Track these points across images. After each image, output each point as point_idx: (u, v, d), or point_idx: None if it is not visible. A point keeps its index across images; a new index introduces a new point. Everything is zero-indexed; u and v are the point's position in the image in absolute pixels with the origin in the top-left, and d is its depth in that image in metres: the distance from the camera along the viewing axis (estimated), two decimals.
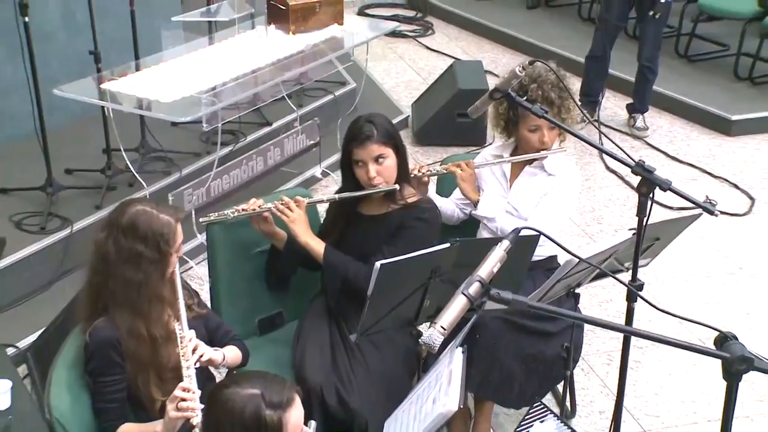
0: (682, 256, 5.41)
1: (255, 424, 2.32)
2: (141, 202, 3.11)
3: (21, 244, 5.01)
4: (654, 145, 6.90)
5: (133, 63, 5.49)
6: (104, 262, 3.00)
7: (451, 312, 2.20)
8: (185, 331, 2.97)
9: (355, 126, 3.63)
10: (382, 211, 3.70)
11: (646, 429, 4.25)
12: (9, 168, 5.59)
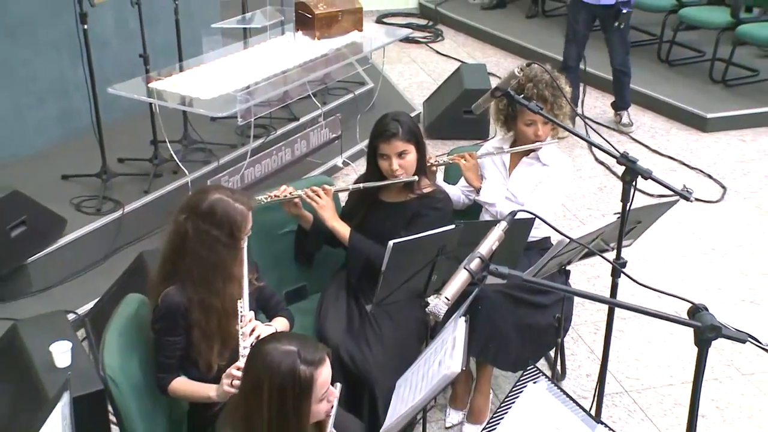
0: (662, 238, 5.41)
1: (290, 377, 2.34)
2: (219, 189, 3.06)
3: (79, 224, 5.05)
4: (637, 139, 6.88)
5: (177, 65, 5.50)
6: (182, 241, 2.98)
7: (454, 284, 2.21)
8: (246, 310, 2.97)
9: (382, 123, 3.64)
10: (401, 199, 3.70)
11: (627, 390, 4.24)
12: (70, 157, 5.62)
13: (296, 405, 2.36)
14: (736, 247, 5.45)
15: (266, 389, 2.34)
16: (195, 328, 2.99)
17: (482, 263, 2.20)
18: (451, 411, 4.05)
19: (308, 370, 2.35)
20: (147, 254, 4.26)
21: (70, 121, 5.77)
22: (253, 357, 2.46)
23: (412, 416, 2.97)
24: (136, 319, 3.12)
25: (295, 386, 2.34)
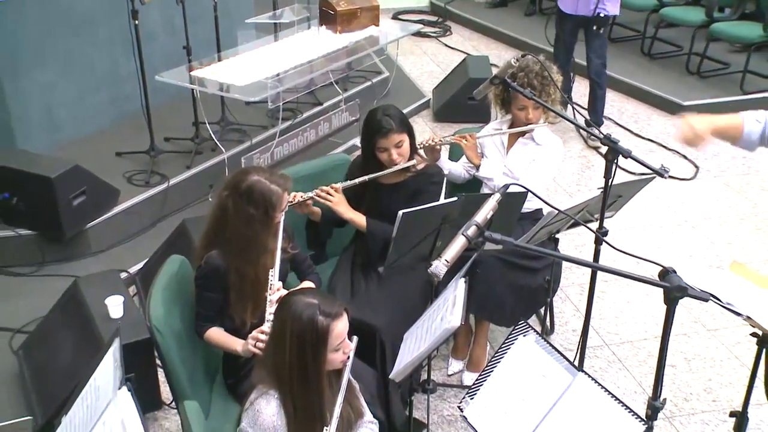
0: (641, 210, 5.39)
1: (309, 325, 2.36)
2: (258, 171, 3.04)
3: (131, 195, 5.09)
4: (621, 124, 6.82)
5: (215, 55, 5.48)
6: (223, 215, 2.99)
7: (453, 248, 2.22)
8: (275, 280, 2.96)
9: (375, 120, 3.54)
10: (400, 179, 3.65)
11: (607, 343, 4.25)
12: (123, 137, 5.64)
13: (314, 351, 2.37)
14: (706, 219, 5.43)
15: (289, 335, 2.37)
16: (231, 290, 3.01)
17: (478, 230, 2.21)
18: (452, 360, 4.08)
19: (325, 321, 2.37)
20: (188, 222, 4.30)
21: (122, 105, 5.78)
22: (281, 306, 2.48)
23: (417, 364, 2.99)
24: (178, 276, 3.14)
25: (312, 334, 2.36)
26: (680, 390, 3.94)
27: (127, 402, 2.16)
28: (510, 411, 2.57)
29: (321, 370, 2.41)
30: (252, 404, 2.43)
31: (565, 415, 2.45)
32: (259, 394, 2.44)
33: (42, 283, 4.56)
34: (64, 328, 3.79)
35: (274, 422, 2.39)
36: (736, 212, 5.51)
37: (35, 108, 5.49)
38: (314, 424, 2.39)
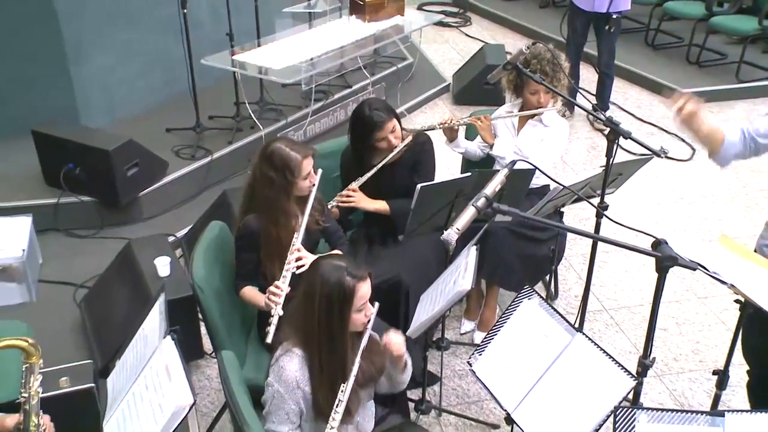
0: (641, 188, 5.34)
1: (337, 285, 2.35)
2: (282, 140, 3.05)
3: (178, 167, 5.13)
4: (625, 109, 6.73)
5: (255, 41, 5.49)
6: (253, 180, 3.02)
7: (463, 218, 2.22)
8: (297, 243, 2.96)
9: (365, 117, 3.47)
10: (397, 157, 3.59)
11: (606, 308, 4.25)
12: (172, 115, 5.65)
13: (341, 309, 2.37)
14: (700, 197, 5.37)
15: (318, 294, 2.36)
16: (261, 249, 3.02)
17: (487, 201, 2.20)
18: (465, 321, 4.09)
19: (352, 282, 2.36)
20: (229, 192, 4.32)
21: (172, 86, 5.80)
22: (311, 269, 2.47)
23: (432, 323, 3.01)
24: (218, 240, 3.16)
25: (340, 293, 2.35)
26: (670, 351, 3.93)
27: (170, 349, 2.20)
28: (514, 366, 2.58)
29: (345, 328, 2.40)
30: (277, 361, 2.43)
31: (564, 371, 2.46)
32: (283, 351, 2.44)
33: (100, 244, 4.61)
34: (119, 284, 3.85)
35: (297, 377, 2.39)
36: (728, 191, 5.45)
37: (96, 89, 5.54)
38: (336, 378, 2.39)
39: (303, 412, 2.43)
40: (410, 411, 3.31)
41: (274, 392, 2.40)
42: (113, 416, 2.28)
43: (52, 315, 4.00)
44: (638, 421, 2.10)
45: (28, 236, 4.19)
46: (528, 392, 2.50)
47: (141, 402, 2.18)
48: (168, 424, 2.03)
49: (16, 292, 4.11)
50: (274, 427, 2.41)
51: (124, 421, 2.22)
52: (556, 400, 2.43)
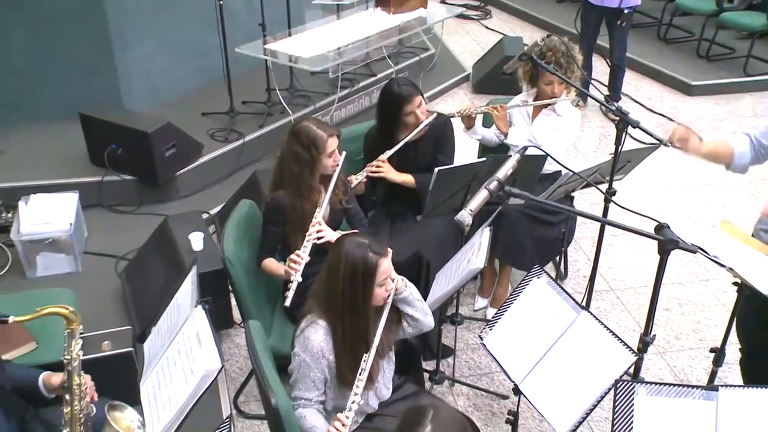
0: (649, 175, 5.29)
1: (361, 260, 2.35)
2: (310, 119, 3.06)
3: (212, 149, 5.14)
4: (637, 100, 6.64)
5: (286, 31, 5.47)
6: (282, 156, 3.03)
7: (476, 200, 2.21)
8: (319, 216, 2.97)
9: (395, 93, 3.48)
10: (421, 135, 3.58)
11: (613, 288, 4.22)
12: (208, 100, 5.66)
13: (364, 283, 2.37)
14: (706, 185, 5.30)
15: (342, 269, 2.36)
16: (288, 222, 3.03)
17: (499, 185, 2.19)
18: (478, 298, 4.08)
19: (374, 257, 2.36)
20: (259, 172, 4.33)
21: (208, 73, 5.77)
22: (335, 246, 2.47)
23: (447, 298, 3.02)
24: (247, 218, 3.18)
25: (364, 268, 2.35)
26: (672, 330, 3.91)
27: (201, 318, 2.23)
28: (522, 341, 2.58)
29: (368, 301, 2.41)
30: (302, 332, 2.44)
31: (569, 346, 2.46)
32: (308, 323, 2.45)
33: (140, 219, 4.65)
34: (156, 257, 3.89)
35: (322, 347, 2.40)
36: (733, 180, 5.36)
37: (138, 75, 5.57)
38: (358, 348, 2.41)
39: (327, 379, 2.45)
40: (425, 381, 3.32)
41: (300, 361, 2.42)
42: (149, 378, 2.32)
43: (96, 284, 4.07)
44: (637, 393, 2.10)
45: (75, 211, 4.26)
46: (535, 365, 2.51)
47: (174, 365, 2.21)
48: (198, 387, 2.06)
49: (64, 262, 4.19)
50: (301, 393, 2.44)
51: (158, 383, 2.25)
52: (562, 373, 2.43)
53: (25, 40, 5.23)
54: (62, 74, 5.33)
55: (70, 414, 2.23)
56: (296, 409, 2.42)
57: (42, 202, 4.26)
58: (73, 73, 5.34)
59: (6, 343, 2.97)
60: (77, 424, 2.23)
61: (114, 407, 2.29)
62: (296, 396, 2.44)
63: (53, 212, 4.19)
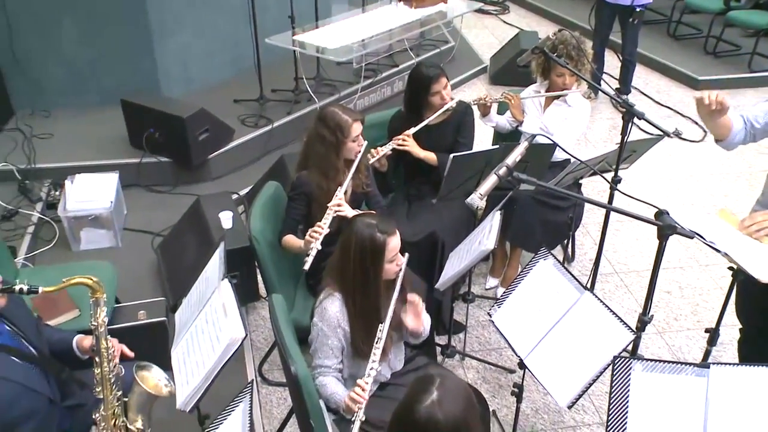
0: (656, 166, 5.23)
1: (369, 240, 2.37)
2: (336, 105, 3.06)
3: (243, 134, 5.16)
4: (646, 93, 6.55)
5: (314, 23, 5.47)
6: (309, 139, 3.04)
7: (486, 184, 2.21)
8: (340, 193, 2.97)
9: (423, 73, 3.49)
10: (443, 118, 3.59)
11: (617, 271, 4.20)
12: (239, 88, 5.69)
13: (373, 261, 2.38)
14: (708, 176, 5.24)
15: (353, 248, 2.38)
16: (314, 201, 3.04)
17: (508, 170, 2.19)
18: (490, 278, 4.09)
19: (382, 236, 2.37)
20: (286, 156, 4.34)
21: (240, 62, 5.83)
22: (347, 226, 2.48)
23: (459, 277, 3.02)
24: (273, 198, 3.19)
25: (373, 247, 2.37)
26: (672, 311, 3.89)
27: (227, 290, 2.26)
28: (528, 318, 2.59)
29: (379, 277, 2.42)
30: (321, 303, 2.47)
31: (572, 324, 2.46)
32: (326, 295, 2.47)
33: (174, 199, 4.70)
34: (189, 233, 3.93)
35: (338, 317, 2.43)
36: (735, 171, 5.29)
37: (174, 64, 5.61)
38: (371, 320, 2.42)
39: (344, 348, 2.47)
40: (437, 354, 3.34)
41: (318, 330, 2.45)
42: (179, 345, 2.36)
43: (134, 258, 4.12)
44: (634, 369, 2.10)
45: (115, 190, 4.31)
46: (539, 341, 2.51)
47: (202, 334, 2.25)
48: (223, 354, 2.10)
49: (105, 237, 4.25)
50: (321, 362, 2.46)
51: (188, 349, 2.29)
52: (564, 349, 2.43)
53: (74, 33, 5.29)
54: (106, 64, 5.39)
55: (101, 374, 2.27)
56: (316, 378, 2.45)
57: (86, 182, 4.32)
58: (116, 62, 5.40)
59: (52, 310, 3.04)
60: (108, 384, 2.28)
61: (141, 367, 2.33)
62: (316, 365, 2.47)
63: (96, 191, 4.25)
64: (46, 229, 4.35)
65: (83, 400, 2.36)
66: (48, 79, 5.40)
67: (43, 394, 2.19)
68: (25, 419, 2.13)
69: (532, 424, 3.21)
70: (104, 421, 2.30)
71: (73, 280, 2.17)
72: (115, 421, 2.32)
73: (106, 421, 2.30)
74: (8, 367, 2.10)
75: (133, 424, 2.34)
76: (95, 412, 2.32)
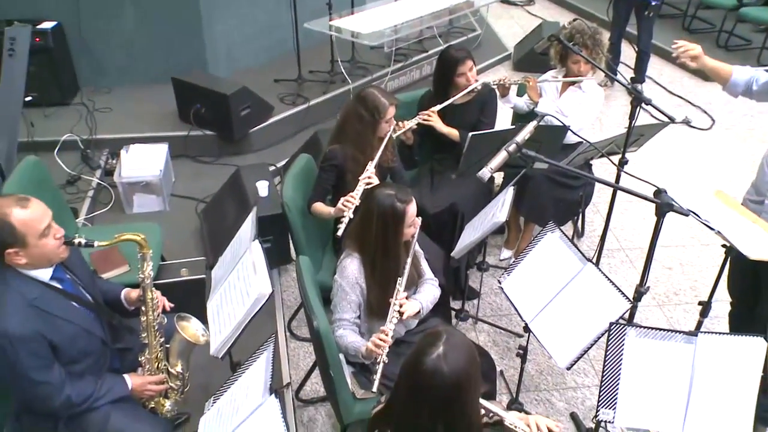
0: (665, 151, 5.13)
1: (391, 208, 2.40)
2: (375, 88, 3.06)
3: (282, 111, 5.16)
4: (659, 83, 6.39)
5: (350, 9, 5.43)
6: (346, 116, 3.05)
7: (496, 160, 2.21)
8: (371, 167, 2.97)
9: (451, 55, 3.50)
10: (468, 99, 3.57)
11: (624, 247, 4.15)
12: (279, 69, 5.67)
13: (395, 227, 2.42)
14: (714, 161, 5.12)
15: (374, 216, 2.42)
16: (347, 172, 3.04)
17: (517, 147, 2.18)
18: (504, 250, 4.08)
19: (402, 205, 2.41)
20: (320, 132, 4.36)
21: (280, 45, 5.80)
22: (367, 197, 2.51)
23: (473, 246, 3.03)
24: (305, 169, 3.22)
25: (394, 214, 2.40)
26: (672, 286, 3.84)
27: (257, 250, 2.30)
28: (535, 286, 2.60)
29: (399, 240, 2.46)
30: (341, 262, 2.52)
31: (574, 292, 2.47)
32: (346, 254, 2.52)
33: (217, 169, 4.74)
34: (229, 200, 3.97)
35: (356, 275, 2.47)
36: (739, 157, 5.16)
37: (221, 46, 5.62)
38: (387, 279, 2.46)
39: (361, 304, 2.51)
40: (452, 318, 3.36)
41: (338, 286, 2.49)
42: (214, 298, 2.42)
43: (179, 221, 4.19)
44: (628, 335, 2.10)
45: (165, 160, 4.38)
46: (544, 307, 2.52)
47: (234, 289, 2.30)
48: (252, 307, 2.14)
49: (154, 202, 4.32)
50: (340, 315, 2.50)
51: (221, 302, 2.35)
52: (566, 315, 2.44)
53: (133, 19, 5.34)
54: (160, 45, 5.43)
55: (147, 322, 2.35)
56: (336, 330, 2.49)
57: (139, 152, 4.39)
58: (169, 45, 5.43)
59: (106, 264, 3.13)
60: (152, 331, 2.35)
61: (182, 318, 2.40)
62: (336, 318, 2.51)
63: (147, 160, 4.32)
64: (104, 193, 4.44)
65: (131, 344, 2.44)
66: (109, 60, 5.47)
67: (97, 336, 2.27)
68: (83, 356, 2.22)
69: (537, 383, 3.23)
70: (148, 363, 2.38)
71: (123, 237, 2.24)
72: (158, 364, 2.40)
73: (150, 364, 2.38)
74: (70, 311, 2.18)
75: (173, 367, 2.42)
76: (141, 355, 2.40)
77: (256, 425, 1.74)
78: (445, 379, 1.58)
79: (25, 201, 2.07)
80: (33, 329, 2.03)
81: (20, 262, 2.07)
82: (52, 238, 2.10)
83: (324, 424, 3.00)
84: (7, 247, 2.04)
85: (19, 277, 2.09)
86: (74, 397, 2.15)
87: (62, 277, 2.22)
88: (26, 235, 2.04)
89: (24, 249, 2.05)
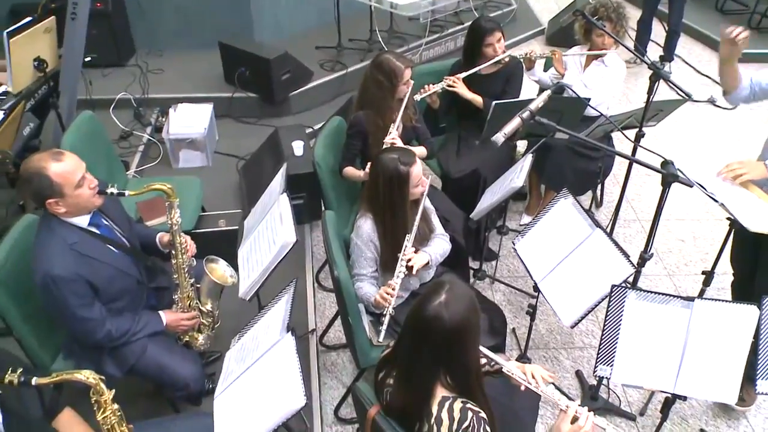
0: (688, 128, 4.98)
1: (395, 172, 2.39)
2: (389, 53, 3.04)
3: (320, 77, 5.13)
4: (688, 62, 6.15)
5: None
6: (365, 82, 3.03)
7: (510, 125, 2.19)
8: (393, 130, 2.95)
9: (481, 26, 3.46)
10: (494, 70, 3.53)
11: (640, 218, 4.08)
12: (320, 37, 5.63)
13: (400, 188, 2.42)
14: (731, 140, 4.95)
15: (381, 179, 2.42)
16: (370, 135, 3.04)
17: (530, 114, 2.16)
18: (524, 215, 4.05)
19: (405, 167, 2.39)
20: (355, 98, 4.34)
21: (322, 15, 5.75)
22: (374, 161, 2.49)
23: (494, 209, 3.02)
24: (336, 130, 3.22)
25: (398, 177, 2.40)
26: (683, 258, 3.78)
27: (285, 203, 2.34)
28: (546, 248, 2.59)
29: (406, 200, 2.46)
30: (356, 222, 2.55)
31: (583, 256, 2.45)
32: (361, 215, 2.54)
33: (257, 129, 4.77)
34: (267, 158, 4.02)
35: (370, 233, 2.49)
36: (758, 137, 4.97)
37: (266, 14, 5.60)
38: (398, 237, 2.47)
39: (377, 259, 2.54)
40: (470, 276, 3.37)
41: (354, 245, 2.52)
42: (244, 245, 2.48)
43: (221, 177, 4.26)
44: (628, 297, 2.10)
45: (209, 119, 4.43)
46: (553, 268, 2.52)
47: (262, 237, 2.36)
48: (277, 254, 2.20)
49: (198, 158, 4.40)
50: (358, 270, 2.54)
51: (250, 249, 2.41)
52: (573, 276, 2.44)
53: None
54: (209, 11, 5.45)
55: (177, 264, 2.42)
56: (355, 284, 2.53)
57: (186, 111, 4.45)
58: (218, 11, 5.44)
59: (151, 212, 3.22)
60: (182, 272, 2.43)
61: (210, 260, 2.47)
62: (354, 273, 2.55)
63: (194, 119, 4.38)
64: (153, 148, 4.53)
65: (165, 284, 2.53)
66: (163, 24, 5.52)
67: (133, 276, 2.35)
68: (120, 294, 2.31)
69: (546, 342, 3.24)
70: (181, 302, 2.47)
71: (152, 186, 2.30)
72: (189, 302, 2.48)
73: (183, 302, 2.47)
74: (107, 254, 2.27)
75: (204, 305, 2.50)
76: (174, 293, 2.49)
77: (274, 359, 1.81)
78: (444, 325, 1.61)
79: (60, 155, 2.14)
80: (73, 271, 2.11)
81: (60, 211, 2.15)
82: (87, 188, 2.18)
83: (345, 368, 3.08)
84: (47, 198, 2.12)
85: (61, 224, 2.18)
86: (114, 332, 2.25)
87: (99, 223, 2.30)
88: (63, 186, 2.11)
89: (62, 199, 2.13)
